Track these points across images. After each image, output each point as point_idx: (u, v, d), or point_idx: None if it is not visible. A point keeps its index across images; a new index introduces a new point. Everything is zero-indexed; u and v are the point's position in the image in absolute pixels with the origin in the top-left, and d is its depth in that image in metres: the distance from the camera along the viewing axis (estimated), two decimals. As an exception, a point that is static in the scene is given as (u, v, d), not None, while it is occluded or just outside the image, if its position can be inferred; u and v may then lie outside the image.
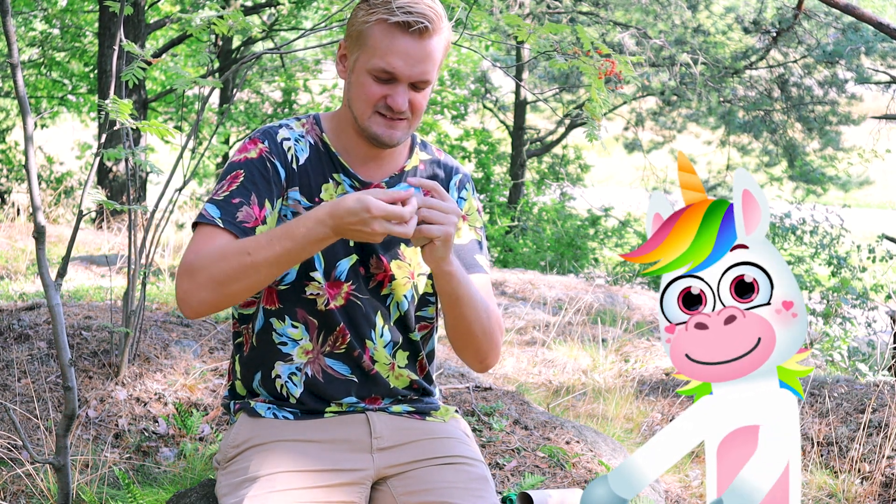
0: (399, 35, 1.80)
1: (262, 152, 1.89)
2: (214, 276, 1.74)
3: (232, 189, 1.83)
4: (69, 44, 13.01)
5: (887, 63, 12.00)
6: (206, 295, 1.75)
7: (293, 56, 14.13)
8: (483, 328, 1.91)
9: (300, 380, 1.93)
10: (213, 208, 1.81)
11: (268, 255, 1.71)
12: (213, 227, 1.80)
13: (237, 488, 1.82)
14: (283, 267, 1.73)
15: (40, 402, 2.94)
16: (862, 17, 5.28)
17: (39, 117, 2.47)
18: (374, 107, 1.84)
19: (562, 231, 12.21)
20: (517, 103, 14.48)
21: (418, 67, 1.82)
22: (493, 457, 2.91)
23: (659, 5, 12.43)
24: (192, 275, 1.76)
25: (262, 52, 3.42)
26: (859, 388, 3.89)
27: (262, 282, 1.75)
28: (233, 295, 1.76)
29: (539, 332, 5.27)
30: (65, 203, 10.03)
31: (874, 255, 8.31)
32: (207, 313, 1.80)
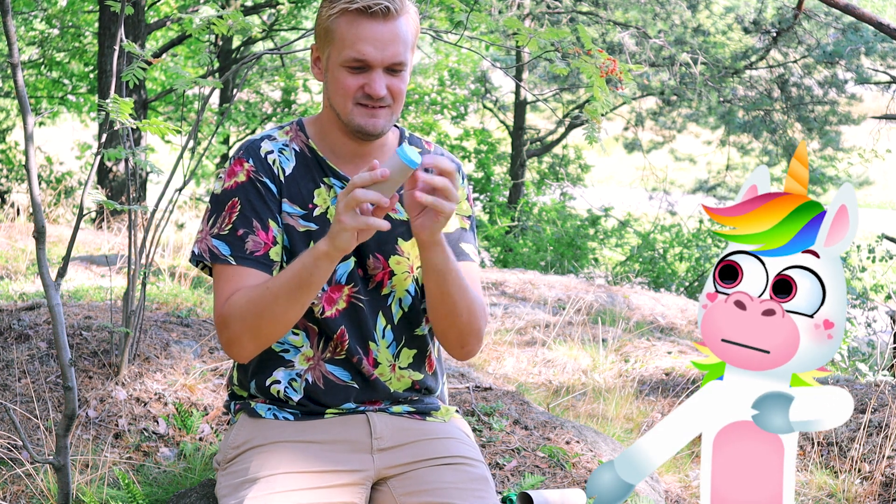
0: (363, 21, 1.80)
1: (249, 173, 1.89)
2: (249, 326, 1.79)
3: (234, 220, 1.85)
4: (69, 44, 13.01)
5: (887, 63, 12.00)
6: (247, 342, 1.81)
7: (293, 56, 14.13)
8: (468, 307, 1.88)
9: (300, 385, 1.93)
10: (223, 245, 1.84)
11: (283, 283, 1.76)
12: (226, 265, 1.84)
13: (237, 489, 1.82)
14: (301, 292, 1.76)
15: (40, 402, 2.94)
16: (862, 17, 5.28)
17: (39, 117, 2.47)
18: (353, 99, 1.84)
19: (562, 231, 12.21)
20: (517, 103, 14.48)
21: (389, 50, 1.81)
22: (493, 457, 2.91)
23: (658, 5, 12.43)
24: (227, 326, 1.81)
25: (262, 52, 3.42)
26: (859, 388, 3.89)
27: (289, 313, 1.78)
28: (271, 334, 1.81)
29: (539, 332, 5.27)
30: (65, 203, 10.03)
31: (874, 255, 8.30)
32: (254, 354, 1.86)
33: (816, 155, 14.03)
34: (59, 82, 14.10)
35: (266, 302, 1.77)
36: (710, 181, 15.24)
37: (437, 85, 15.53)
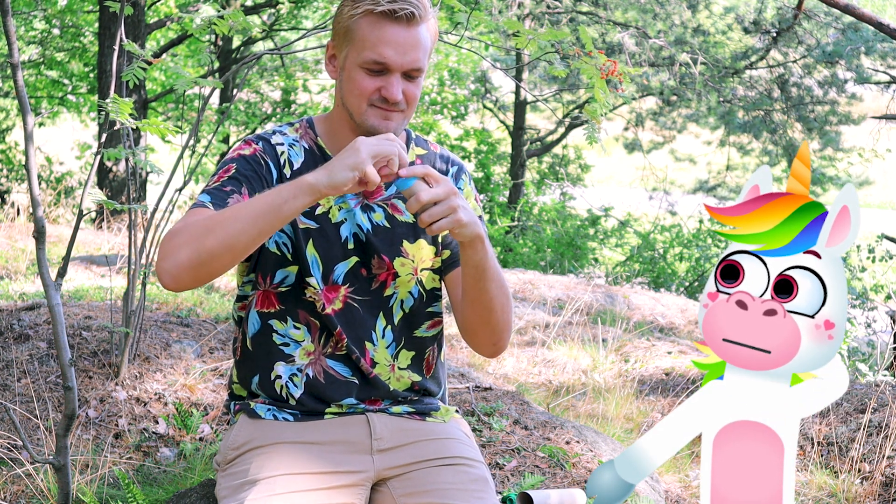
0: (387, 24, 1.80)
1: (256, 151, 1.89)
2: (193, 233, 1.67)
3: (223, 179, 1.83)
4: (69, 44, 13.01)
5: (887, 63, 12.00)
6: (184, 254, 1.65)
7: (293, 56, 14.13)
8: (502, 304, 1.89)
9: (301, 381, 1.92)
10: (205, 196, 1.80)
11: (248, 204, 1.67)
12: (202, 208, 1.76)
13: (237, 490, 1.82)
14: (263, 218, 1.65)
15: (40, 402, 2.94)
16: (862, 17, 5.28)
17: (39, 117, 2.47)
18: (368, 100, 1.83)
19: (562, 231, 12.21)
20: (517, 103, 14.47)
21: (409, 55, 1.81)
22: (493, 457, 2.91)
23: (658, 5, 12.43)
24: (171, 237, 1.69)
25: (262, 52, 3.42)
26: (859, 388, 3.89)
27: (242, 237, 1.65)
28: (213, 254, 1.65)
29: (539, 332, 5.27)
30: (65, 203, 10.03)
31: (874, 256, 8.30)
32: (186, 278, 1.67)
33: (816, 155, 14.03)
34: (59, 82, 14.10)
35: (222, 218, 1.66)
36: (710, 181, 15.23)
37: (437, 85, 15.53)
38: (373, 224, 1.93)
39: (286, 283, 1.90)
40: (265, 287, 1.92)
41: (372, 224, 1.93)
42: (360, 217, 1.92)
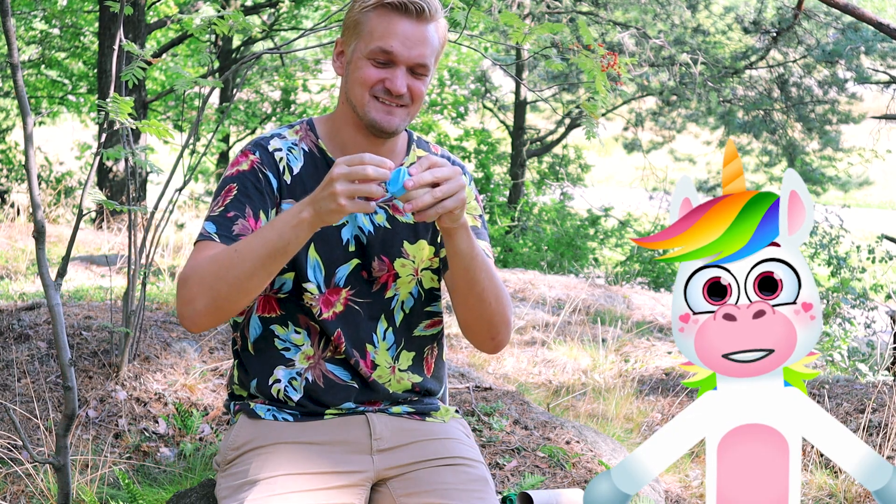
0: (396, 17, 1.81)
1: (253, 164, 1.88)
2: (205, 280, 1.72)
3: (226, 203, 1.83)
4: (69, 43, 13.00)
5: (887, 63, 12.00)
6: (201, 304, 1.72)
7: (293, 56, 14.13)
8: (496, 295, 1.87)
9: (300, 384, 1.92)
10: (210, 225, 1.82)
11: (253, 246, 1.69)
12: (209, 241, 1.79)
13: (237, 491, 1.82)
14: (270, 259, 1.68)
15: (40, 402, 2.94)
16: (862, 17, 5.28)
17: (39, 117, 2.47)
18: (371, 90, 1.83)
19: (562, 231, 12.21)
20: (517, 103, 14.47)
21: (416, 50, 1.82)
22: (493, 457, 2.91)
23: (658, 5, 12.43)
24: (185, 284, 1.74)
25: (262, 51, 3.42)
26: (859, 388, 3.89)
27: (253, 279, 1.70)
28: (228, 300, 1.72)
29: (539, 332, 5.27)
30: (65, 203, 10.03)
31: (874, 256, 8.30)
32: (207, 323, 1.75)
33: (816, 155, 14.03)
34: (58, 82, 14.09)
35: (230, 263, 1.70)
36: (709, 181, 15.23)
37: (437, 85, 15.53)
38: (374, 225, 1.93)
39: (284, 289, 1.90)
40: (266, 292, 1.92)
41: (373, 225, 1.93)
42: (362, 219, 1.92)
